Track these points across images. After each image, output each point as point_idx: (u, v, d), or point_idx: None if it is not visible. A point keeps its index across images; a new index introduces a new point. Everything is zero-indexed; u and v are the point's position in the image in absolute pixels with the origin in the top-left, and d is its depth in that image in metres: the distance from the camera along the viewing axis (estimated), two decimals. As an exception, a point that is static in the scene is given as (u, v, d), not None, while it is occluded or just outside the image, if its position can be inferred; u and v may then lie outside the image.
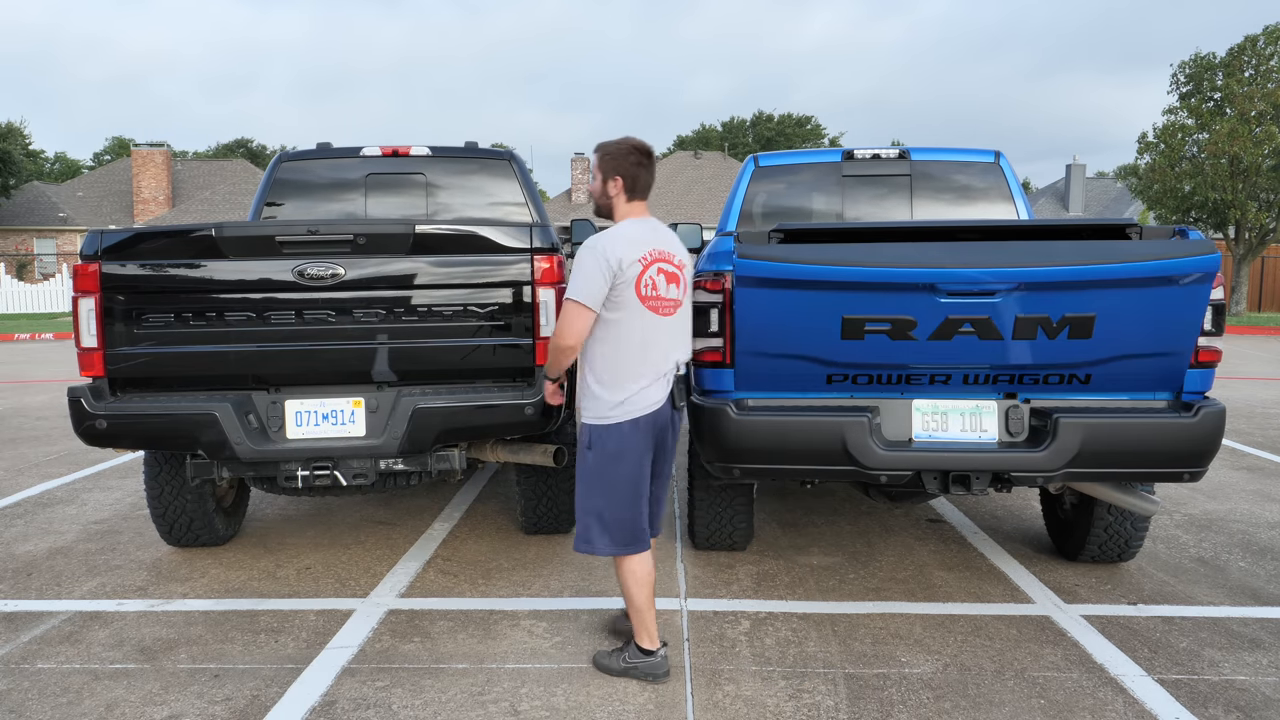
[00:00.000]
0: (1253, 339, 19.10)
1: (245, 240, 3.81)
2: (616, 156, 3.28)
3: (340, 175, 5.96)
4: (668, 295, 3.23)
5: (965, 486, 3.63)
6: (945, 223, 4.83)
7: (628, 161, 3.27)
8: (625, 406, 3.19)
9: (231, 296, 3.84)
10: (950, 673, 3.35)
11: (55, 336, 20.96)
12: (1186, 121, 25.00)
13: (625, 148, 3.29)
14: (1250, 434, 7.99)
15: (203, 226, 3.80)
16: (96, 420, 3.82)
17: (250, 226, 3.91)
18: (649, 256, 3.19)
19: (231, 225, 3.82)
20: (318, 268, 3.78)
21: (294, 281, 3.79)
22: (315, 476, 3.95)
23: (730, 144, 58.22)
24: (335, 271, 3.78)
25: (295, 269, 3.78)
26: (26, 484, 6.42)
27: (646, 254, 3.19)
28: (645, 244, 3.21)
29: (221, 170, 42.31)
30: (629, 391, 3.18)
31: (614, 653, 3.38)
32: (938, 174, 5.77)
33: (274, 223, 4.52)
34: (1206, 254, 3.24)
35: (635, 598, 3.29)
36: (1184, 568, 4.49)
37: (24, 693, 3.24)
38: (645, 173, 3.30)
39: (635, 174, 3.28)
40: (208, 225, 3.80)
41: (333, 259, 3.77)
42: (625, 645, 3.38)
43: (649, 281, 3.17)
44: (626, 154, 3.28)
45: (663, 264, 3.22)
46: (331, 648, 3.58)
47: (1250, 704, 3.11)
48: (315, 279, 3.79)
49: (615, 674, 3.32)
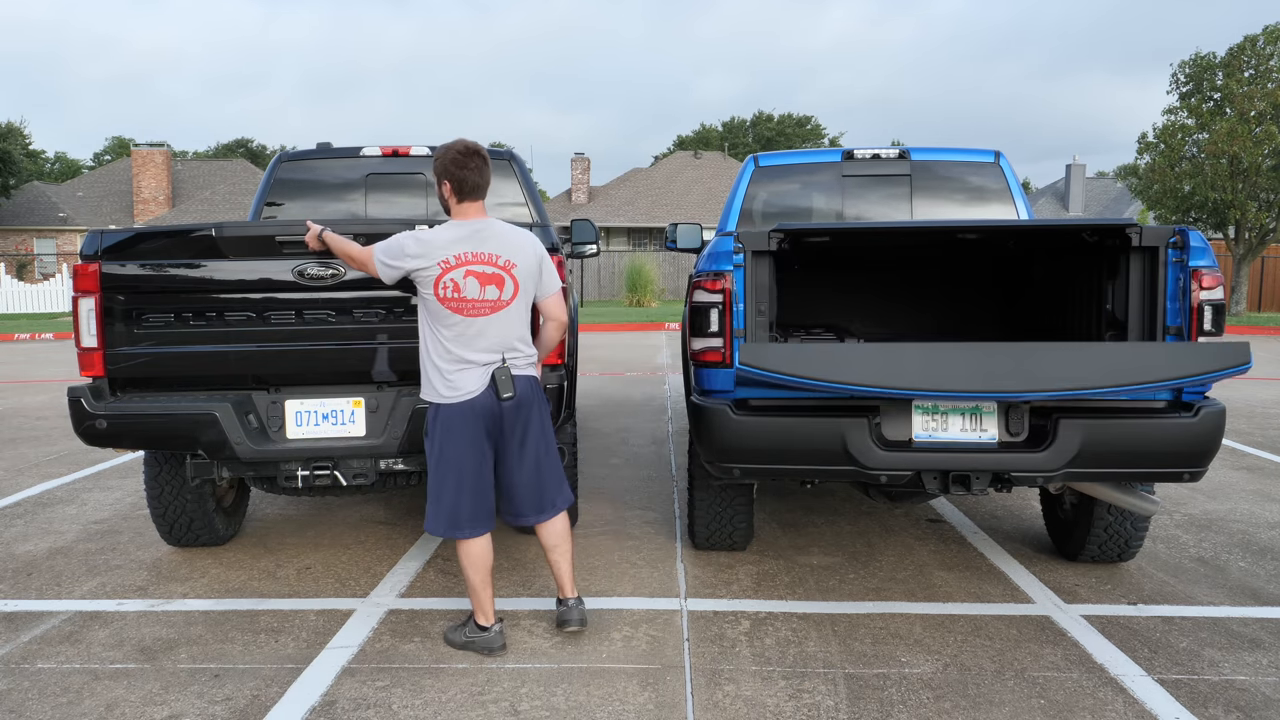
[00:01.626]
0: (1253, 339, 19.10)
1: (245, 240, 3.80)
2: (444, 160, 3.38)
3: (340, 175, 5.96)
4: (478, 297, 3.33)
5: (965, 486, 3.63)
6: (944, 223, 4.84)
7: (453, 164, 3.36)
8: (437, 391, 3.39)
9: (231, 296, 3.84)
10: (950, 673, 3.35)
11: (55, 336, 20.96)
12: (1186, 121, 24.99)
13: (451, 151, 3.38)
14: (1250, 434, 7.99)
15: (203, 226, 3.80)
16: (96, 420, 3.82)
17: (250, 226, 3.90)
18: (455, 260, 3.31)
19: (231, 225, 3.81)
20: (318, 267, 3.78)
21: (294, 281, 3.79)
22: (315, 476, 3.95)
23: (730, 144, 58.23)
24: (335, 271, 3.78)
25: (295, 269, 3.78)
26: (26, 484, 6.42)
27: (451, 258, 3.31)
28: (454, 247, 3.32)
29: (222, 170, 42.32)
30: (439, 378, 3.38)
31: (457, 628, 3.62)
32: (938, 174, 5.77)
33: (274, 223, 4.50)
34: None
35: (469, 578, 3.50)
36: (1184, 568, 4.49)
37: (24, 693, 3.24)
38: (473, 174, 3.37)
39: (461, 176, 3.36)
40: (208, 225, 3.79)
41: (333, 258, 3.77)
42: (466, 621, 3.61)
43: (449, 284, 3.30)
44: (453, 157, 3.37)
45: (476, 266, 3.33)
46: (331, 648, 3.58)
47: (1250, 704, 3.11)
48: (315, 278, 3.79)
49: (458, 646, 3.55)
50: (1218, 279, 3.54)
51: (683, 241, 6.31)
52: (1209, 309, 3.52)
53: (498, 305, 3.37)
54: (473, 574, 3.49)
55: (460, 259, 3.32)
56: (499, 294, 3.37)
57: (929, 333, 5.48)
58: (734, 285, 3.70)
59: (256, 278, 3.82)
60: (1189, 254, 3.55)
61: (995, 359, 3.26)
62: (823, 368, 3.28)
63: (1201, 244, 3.56)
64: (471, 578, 3.49)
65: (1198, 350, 3.20)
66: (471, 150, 3.39)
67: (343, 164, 5.98)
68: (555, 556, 3.67)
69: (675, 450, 7.30)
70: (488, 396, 3.36)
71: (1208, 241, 3.61)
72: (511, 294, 3.39)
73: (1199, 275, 3.52)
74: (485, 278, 3.34)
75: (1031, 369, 3.21)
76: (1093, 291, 4.18)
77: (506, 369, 3.38)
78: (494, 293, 3.36)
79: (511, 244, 3.41)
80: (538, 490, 3.56)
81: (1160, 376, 3.17)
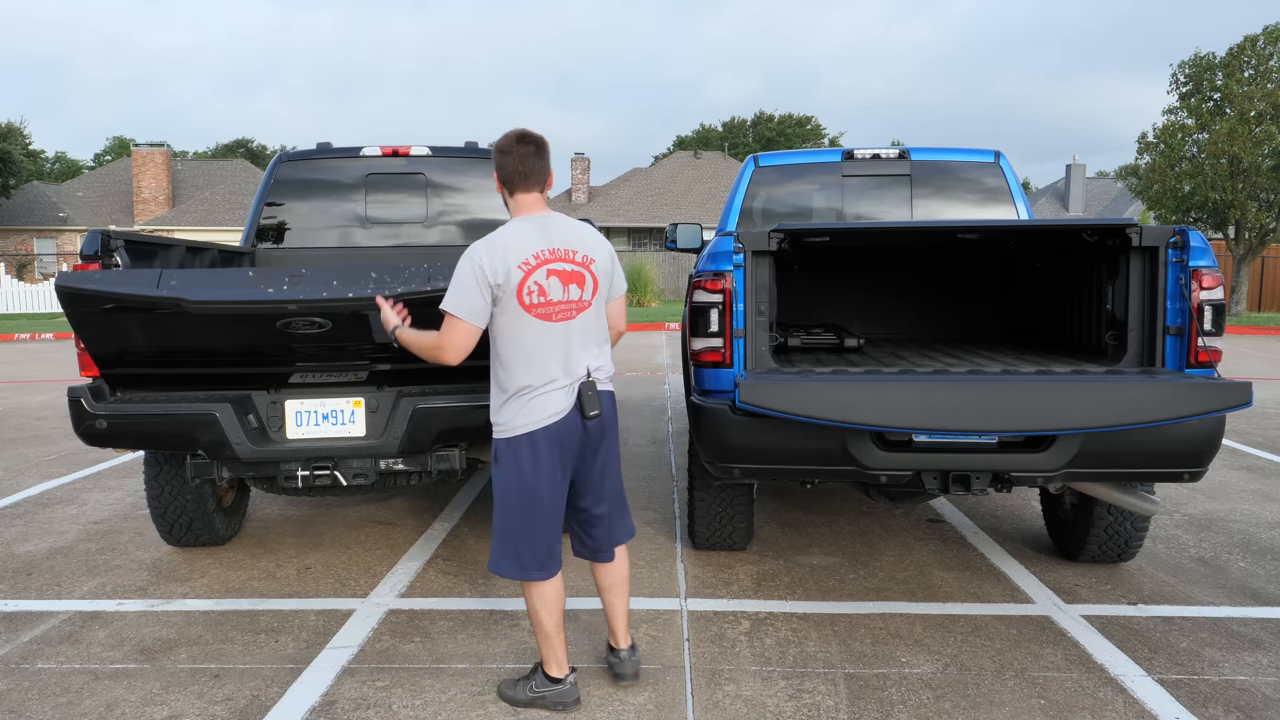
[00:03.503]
0: (1253, 339, 19.10)
1: (214, 314, 3.49)
2: (497, 154, 3.02)
3: (340, 175, 5.97)
4: (560, 299, 2.95)
5: (965, 486, 3.63)
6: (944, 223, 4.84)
7: (499, 154, 3.01)
8: (519, 420, 2.95)
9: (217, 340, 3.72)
10: (950, 673, 3.35)
11: (55, 336, 20.95)
12: (1186, 122, 24.99)
13: (502, 143, 3.02)
14: (1250, 434, 7.99)
15: (166, 297, 3.43)
16: (96, 420, 3.81)
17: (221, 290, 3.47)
18: (534, 260, 2.92)
19: (200, 287, 3.45)
20: (306, 325, 3.57)
21: (282, 330, 3.60)
22: (315, 476, 3.95)
23: (730, 144, 58.21)
24: (321, 323, 3.59)
25: (280, 324, 3.57)
26: (26, 484, 6.42)
27: (530, 257, 2.92)
28: (530, 246, 2.93)
29: (222, 170, 42.30)
30: (521, 403, 2.95)
31: (520, 681, 3.16)
32: (938, 174, 5.77)
33: (249, 286, 3.55)
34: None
35: (542, 623, 3.07)
36: (1184, 568, 4.49)
37: (24, 693, 3.24)
38: (515, 160, 2.99)
39: (506, 165, 2.99)
40: (172, 291, 3.43)
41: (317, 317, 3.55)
42: (533, 673, 3.16)
43: (534, 287, 2.90)
44: (500, 146, 3.02)
45: (555, 264, 2.95)
46: (331, 648, 3.58)
47: (1250, 704, 3.11)
48: (304, 333, 3.61)
49: (521, 705, 3.10)
50: (1218, 279, 3.54)
51: (683, 241, 6.31)
52: (1209, 309, 3.52)
53: (581, 306, 2.99)
54: (546, 618, 3.06)
55: (539, 257, 2.93)
56: (580, 293, 3.00)
57: (929, 333, 5.48)
58: (734, 285, 3.70)
59: (240, 331, 3.66)
60: (1189, 254, 3.55)
61: (997, 395, 3.27)
62: (824, 407, 3.28)
63: (1201, 244, 3.56)
64: (545, 622, 3.06)
65: (1200, 389, 3.21)
66: (518, 137, 3.01)
67: (343, 164, 5.98)
68: (612, 598, 3.26)
69: (675, 450, 7.30)
70: (573, 417, 2.98)
71: (1208, 241, 3.61)
72: (592, 292, 3.03)
73: (1199, 275, 3.53)
74: (567, 275, 2.96)
75: (1033, 407, 3.24)
76: (1093, 291, 4.18)
77: (593, 383, 3.01)
78: (576, 292, 2.98)
79: (584, 238, 3.05)
80: (609, 522, 3.22)
81: (1163, 415, 3.19)
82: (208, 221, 36.51)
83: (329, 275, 3.51)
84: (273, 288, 3.46)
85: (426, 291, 3.42)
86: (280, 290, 3.46)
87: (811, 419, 3.29)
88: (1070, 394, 3.23)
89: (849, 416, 3.26)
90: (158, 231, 32.60)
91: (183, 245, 4.68)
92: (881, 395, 3.27)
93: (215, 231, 33.96)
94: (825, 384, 3.34)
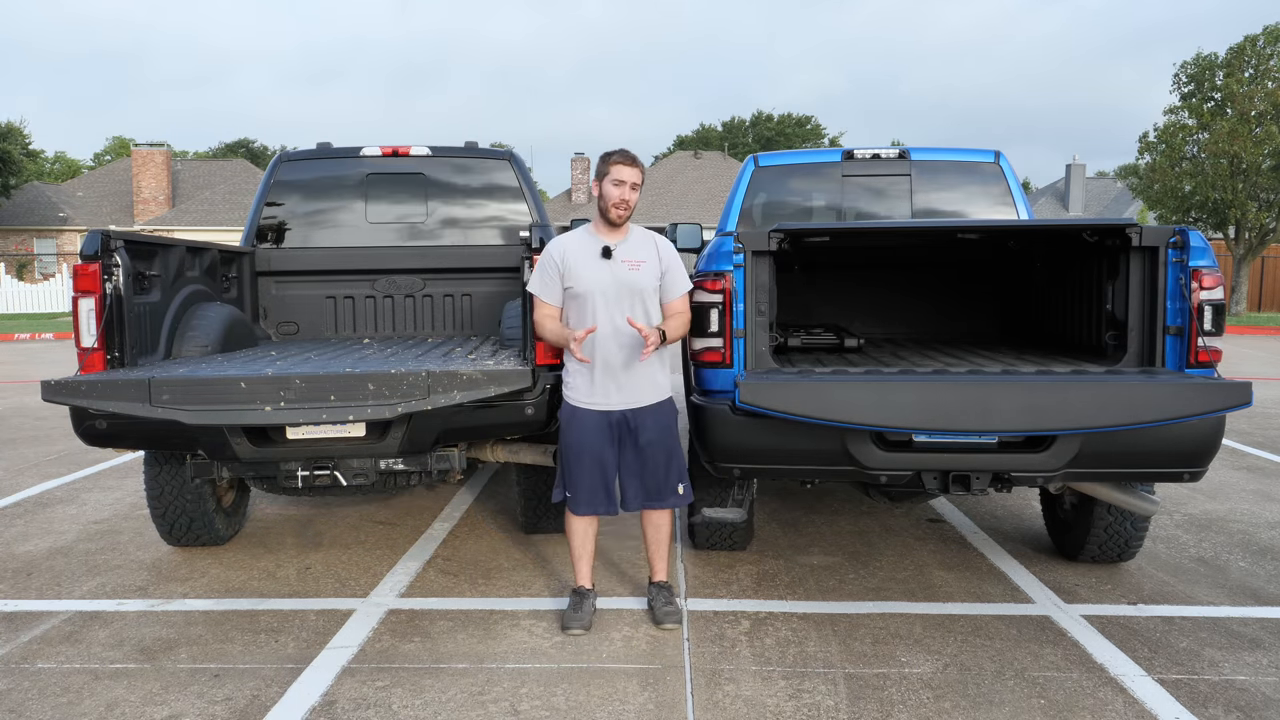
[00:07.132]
0: (1253, 339, 19.10)
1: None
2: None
3: (340, 175, 5.96)
4: None
5: (965, 486, 3.63)
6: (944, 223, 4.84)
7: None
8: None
9: None
10: (950, 673, 3.35)
11: (55, 336, 20.96)
12: (1187, 121, 25.01)
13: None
14: (1250, 434, 7.99)
15: (161, 420, 3.51)
16: (96, 420, 3.81)
17: (216, 412, 3.51)
18: None
19: (194, 402, 3.48)
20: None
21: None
22: (315, 476, 3.94)
23: (730, 144, 58.19)
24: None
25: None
26: (26, 484, 6.42)
27: None
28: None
29: (221, 170, 42.29)
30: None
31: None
32: (937, 174, 5.77)
33: (241, 399, 3.54)
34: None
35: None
36: (1184, 568, 4.49)
37: (24, 693, 3.24)
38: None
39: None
40: (167, 410, 3.48)
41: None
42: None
43: None
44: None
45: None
46: (331, 648, 3.58)
47: (1250, 704, 3.11)
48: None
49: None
50: (1218, 279, 3.54)
51: (683, 241, 6.30)
52: (1209, 309, 3.52)
53: None
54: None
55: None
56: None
57: (928, 333, 5.48)
58: (734, 285, 3.71)
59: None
60: (1189, 254, 3.55)
61: (997, 395, 3.27)
62: (824, 407, 3.29)
63: (1201, 244, 3.56)
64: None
65: (1200, 389, 3.20)
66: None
67: (343, 164, 5.98)
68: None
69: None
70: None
71: (1208, 241, 3.61)
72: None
73: (1199, 275, 3.52)
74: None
75: (1033, 407, 3.23)
76: (1093, 291, 4.18)
77: None
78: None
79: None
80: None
81: (1163, 415, 3.19)
82: (208, 221, 36.49)
83: (326, 388, 3.52)
84: (269, 405, 3.50)
85: (426, 409, 3.57)
86: (278, 408, 3.50)
87: (811, 419, 3.29)
88: (1070, 394, 3.23)
89: (849, 416, 3.26)
90: (158, 231, 32.57)
91: (183, 245, 4.67)
92: (881, 395, 3.27)
93: (215, 231, 33.89)
94: (825, 384, 3.34)
